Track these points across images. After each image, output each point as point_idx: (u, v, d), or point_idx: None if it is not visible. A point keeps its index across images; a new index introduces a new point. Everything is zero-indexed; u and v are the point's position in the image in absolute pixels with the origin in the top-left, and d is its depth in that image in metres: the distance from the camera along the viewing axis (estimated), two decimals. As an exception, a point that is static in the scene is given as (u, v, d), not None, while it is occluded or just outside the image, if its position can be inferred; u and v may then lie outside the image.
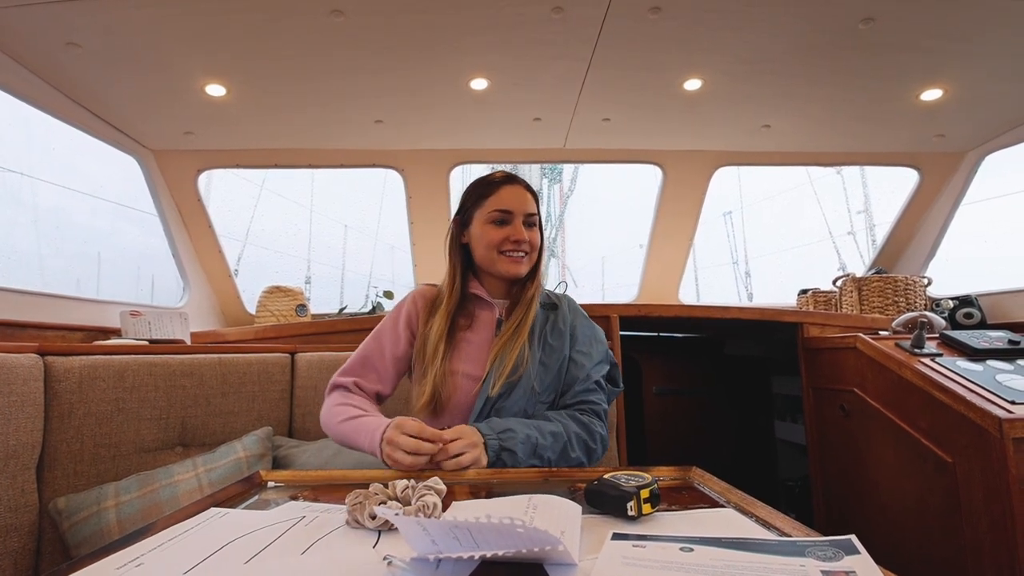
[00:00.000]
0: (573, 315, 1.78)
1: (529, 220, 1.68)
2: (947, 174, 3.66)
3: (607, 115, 3.20)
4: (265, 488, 1.18)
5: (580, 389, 1.65)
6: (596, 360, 1.72)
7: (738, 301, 10.96)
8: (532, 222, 1.70)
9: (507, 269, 1.66)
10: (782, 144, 3.57)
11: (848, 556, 0.68)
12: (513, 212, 1.66)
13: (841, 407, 2.68)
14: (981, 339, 2.45)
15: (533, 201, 1.72)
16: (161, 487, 1.78)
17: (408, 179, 3.68)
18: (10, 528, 1.58)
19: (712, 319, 3.07)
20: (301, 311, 3.53)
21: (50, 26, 2.20)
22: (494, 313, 1.71)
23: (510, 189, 1.69)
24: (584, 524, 0.87)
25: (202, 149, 3.39)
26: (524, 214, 1.67)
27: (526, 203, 1.68)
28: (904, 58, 2.58)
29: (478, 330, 1.70)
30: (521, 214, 1.67)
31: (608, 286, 16.27)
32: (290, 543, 0.81)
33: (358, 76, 2.70)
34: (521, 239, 1.65)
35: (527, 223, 1.68)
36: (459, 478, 1.21)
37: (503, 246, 1.66)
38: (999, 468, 1.84)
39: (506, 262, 1.66)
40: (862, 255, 9.48)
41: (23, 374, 1.66)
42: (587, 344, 1.73)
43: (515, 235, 1.65)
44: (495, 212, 1.66)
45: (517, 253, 1.66)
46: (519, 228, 1.66)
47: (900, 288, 3.42)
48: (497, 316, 1.71)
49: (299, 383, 2.32)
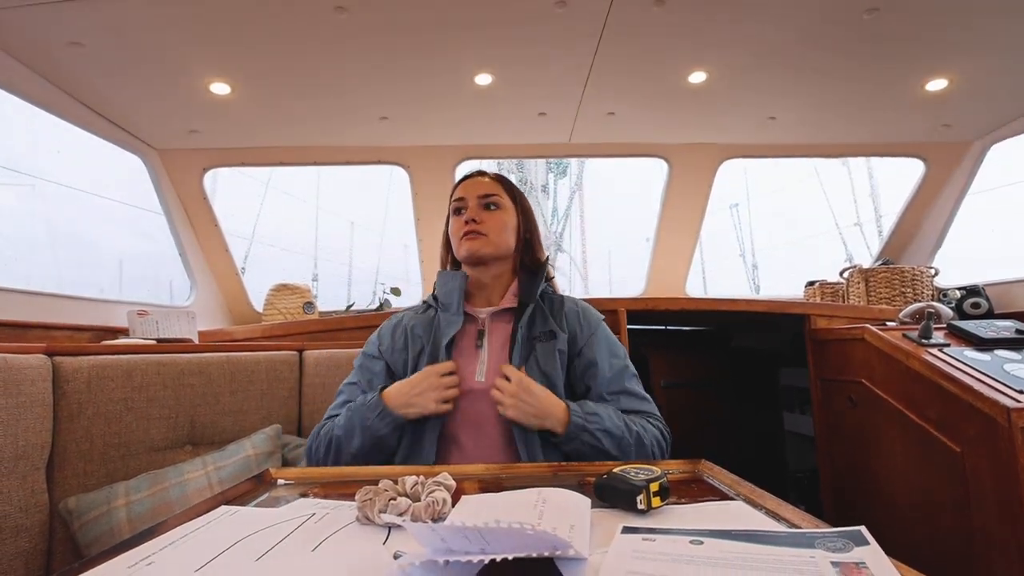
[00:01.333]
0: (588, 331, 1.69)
1: (484, 201, 1.68)
2: (953, 164, 3.65)
3: (612, 109, 3.19)
4: (275, 486, 1.18)
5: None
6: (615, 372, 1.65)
7: (745, 293, 10.95)
8: (488, 203, 1.69)
9: (464, 248, 1.65)
10: (788, 136, 3.56)
11: (858, 547, 0.68)
12: (465, 198, 1.69)
13: (849, 398, 2.67)
14: (989, 329, 2.44)
15: (494, 183, 1.73)
16: (171, 486, 1.79)
17: (414, 175, 3.68)
18: (21, 528, 1.59)
19: (719, 312, 3.07)
20: (308, 309, 3.53)
21: (53, 25, 2.20)
22: (476, 325, 1.68)
23: (467, 183, 1.73)
24: (594, 518, 0.87)
25: (207, 148, 3.39)
26: (476, 196, 1.68)
27: (479, 186, 1.70)
28: (909, 48, 2.56)
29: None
30: (473, 197, 1.68)
31: (615, 279, 16.25)
32: (300, 540, 0.81)
33: (362, 73, 2.70)
34: (471, 217, 1.65)
35: (482, 204, 1.68)
36: (468, 473, 1.22)
37: (461, 230, 1.66)
38: (1008, 457, 1.84)
39: (463, 243, 1.65)
40: (869, 246, 9.46)
41: (31, 375, 1.66)
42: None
43: (467, 216, 1.66)
44: (453, 203, 1.72)
45: (471, 232, 1.64)
46: (472, 209, 1.67)
47: (907, 279, 3.41)
48: (479, 327, 1.67)
49: (307, 381, 2.32)
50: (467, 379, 1.57)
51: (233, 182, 6.93)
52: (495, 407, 1.50)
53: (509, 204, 1.72)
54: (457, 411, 1.54)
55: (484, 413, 1.54)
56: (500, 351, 1.62)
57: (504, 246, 1.69)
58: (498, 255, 1.68)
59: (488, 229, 1.65)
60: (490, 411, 1.52)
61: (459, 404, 1.54)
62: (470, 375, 1.58)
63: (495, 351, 1.62)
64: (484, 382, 1.56)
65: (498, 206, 1.69)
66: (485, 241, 1.65)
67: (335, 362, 2.35)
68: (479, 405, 1.54)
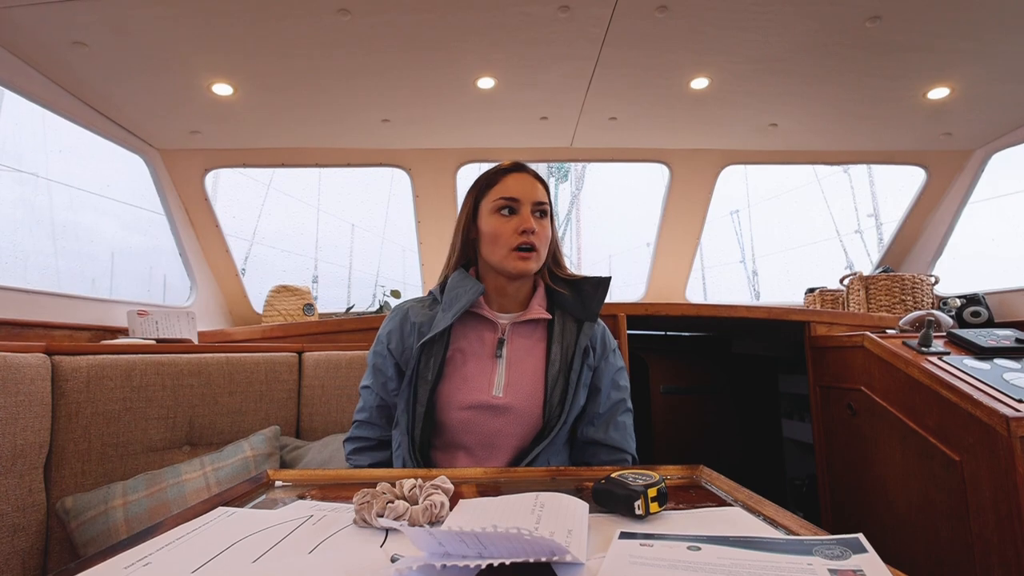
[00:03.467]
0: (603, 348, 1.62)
1: (538, 209, 1.51)
2: (954, 172, 3.65)
3: (614, 114, 3.19)
4: (272, 487, 1.18)
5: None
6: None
7: (745, 300, 10.94)
8: (541, 211, 1.52)
9: (515, 267, 1.48)
10: (789, 143, 3.56)
11: (856, 555, 0.68)
12: (519, 200, 1.49)
13: (848, 406, 2.67)
14: (989, 338, 2.44)
15: (543, 190, 1.54)
16: (168, 486, 1.79)
17: (415, 178, 3.69)
18: (18, 527, 1.58)
19: (719, 318, 3.07)
20: (308, 310, 3.53)
21: (57, 25, 2.21)
22: (496, 332, 1.55)
23: (517, 177, 1.53)
24: (591, 523, 0.87)
25: (209, 148, 3.40)
26: (532, 202, 1.50)
27: (534, 190, 1.51)
28: (911, 56, 2.57)
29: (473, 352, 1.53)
30: (528, 202, 1.50)
31: (615, 284, 16.26)
32: (298, 542, 0.81)
33: (365, 75, 2.70)
34: (530, 228, 1.46)
35: (536, 212, 1.51)
36: (466, 477, 1.21)
37: (512, 240, 1.48)
38: (1006, 467, 1.83)
39: (515, 259, 1.47)
40: (869, 254, 9.45)
41: (30, 373, 1.66)
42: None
43: (524, 224, 1.47)
44: (500, 200, 1.50)
45: (526, 247, 1.47)
46: (526, 216, 1.48)
47: (907, 287, 3.41)
48: (499, 336, 1.54)
49: (306, 382, 2.32)
50: (482, 391, 1.47)
51: (234, 183, 6.91)
52: (510, 426, 1.44)
53: (549, 211, 1.56)
54: (470, 426, 1.46)
55: (500, 431, 1.46)
56: (522, 364, 1.51)
57: (544, 258, 1.55)
58: (539, 268, 1.55)
59: (540, 242, 1.50)
60: (506, 429, 1.45)
61: (471, 418, 1.45)
62: (486, 387, 1.47)
63: (515, 363, 1.51)
64: (502, 397, 1.46)
65: (546, 215, 1.53)
66: (536, 258, 1.50)
67: (334, 364, 2.35)
68: (495, 422, 1.45)
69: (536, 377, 1.50)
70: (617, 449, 1.55)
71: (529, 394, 1.47)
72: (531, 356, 1.53)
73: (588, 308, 1.56)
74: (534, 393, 1.48)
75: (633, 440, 1.59)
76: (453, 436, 1.48)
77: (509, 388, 1.47)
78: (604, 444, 1.54)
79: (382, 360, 1.59)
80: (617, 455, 1.55)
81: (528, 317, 1.55)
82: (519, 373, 1.50)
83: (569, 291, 1.58)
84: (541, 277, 1.63)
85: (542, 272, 1.62)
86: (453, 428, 1.47)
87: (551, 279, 1.62)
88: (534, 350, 1.54)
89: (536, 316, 1.55)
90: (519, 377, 1.49)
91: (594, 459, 1.55)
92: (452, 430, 1.47)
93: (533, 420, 1.47)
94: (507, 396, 1.46)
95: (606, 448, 1.54)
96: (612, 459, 1.54)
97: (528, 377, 1.50)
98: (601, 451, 1.55)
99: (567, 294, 1.58)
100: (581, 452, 1.58)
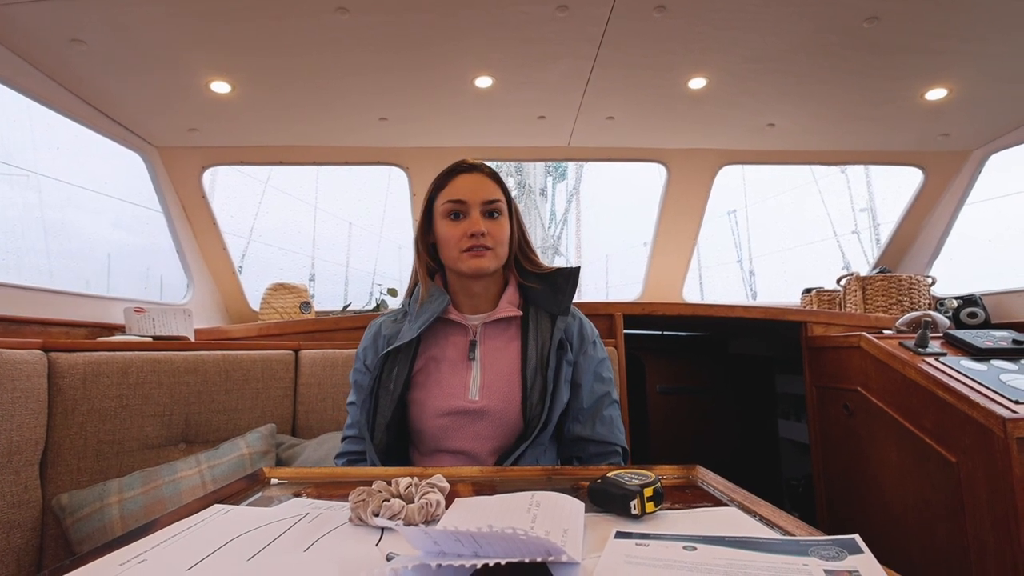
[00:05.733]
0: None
1: (488, 208, 1.48)
2: (951, 173, 3.65)
3: (611, 113, 3.19)
4: (268, 485, 1.18)
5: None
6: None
7: (742, 299, 10.95)
8: (492, 210, 1.48)
9: (468, 266, 1.45)
10: (786, 143, 3.56)
11: (851, 555, 0.68)
12: (467, 202, 1.46)
13: (845, 406, 2.67)
14: (985, 339, 2.44)
15: (496, 187, 1.51)
16: (164, 484, 1.79)
17: (413, 177, 3.68)
18: (13, 524, 1.58)
19: (716, 318, 3.07)
20: (305, 308, 3.53)
21: (55, 22, 2.20)
22: (467, 335, 1.53)
23: (464, 177, 1.50)
24: (587, 522, 0.86)
25: (207, 146, 3.39)
26: (480, 203, 1.47)
27: (482, 190, 1.48)
28: (909, 57, 2.57)
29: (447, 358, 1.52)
30: (477, 204, 1.46)
31: (612, 284, 16.25)
32: (293, 540, 0.80)
33: (363, 73, 2.70)
34: (477, 230, 1.43)
35: (486, 212, 1.47)
36: (462, 475, 1.21)
37: (462, 243, 1.45)
38: (1003, 468, 1.84)
39: (467, 259, 1.45)
40: (866, 254, 9.46)
41: (27, 370, 1.66)
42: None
43: (471, 228, 1.44)
44: (448, 204, 1.47)
45: (477, 247, 1.44)
46: (475, 219, 1.45)
47: (904, 287, 3.42)
48: (470, 338, 1.53)
49: (303, 380, 2.32)
50: (457, 396, 1.45)
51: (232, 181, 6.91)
52: (489, 428, 1.43)
53: (506, 207, 1.52)
54: (449, 432, 1.45)
55: (480, 434, 1.45)
56: (496, 364, 1.49)
57: (504, 256, 1.51)
58: (500, 266, 1.52)
59: (494, 242, 1.46)
60: (486, 431, 1.44)
61: (449, 424, 1.45)
62: (461, 392, 1.46)
63: (489, 364, 1.50)
64: (478, 400, 1.45)
65: (500, 213, 1.50)
66: (492, 256, 1.46)
67: (331, 362, 2.35)
68: (474, 426, 1.45)
69: (512, 377, 1.48)
70: (605, 443, 1.53)
71: (506, 395, 1.46)
72: (505, 355, 1.51)
73: (559, 301, 1.54)
74: (511, 393, 1.46)
75: (621, 432, 1.57)
76: (434, 443, 1.48)
77: (485, 390, 1.46)
78: (591, 439, 1.53)
79: (361, 376, 1.59)
80: (605, 449, 1.53)
81: (498, 316, 1.53)
82: (494, 374, 1.48)
83: (541, 285, 1.57)
84: (512, 273, 1.61)
85: (510, 267, 1.60)
86: (433, 435, 1.47)
87: (522, 275, 1.59)
88: (507, 349, 1.52)
89: (506, 314, 1.53)
90: (494, 378, 1.48)
91: (583, 454, 1.54)
92: (432, 437, 1.47)
93: (512, 420, 1.45)
94: (483, 399, 1.45)
95: (593, 443, 1.53)
96: (601, 453, 1.53)
97: (504, 377, 1.48)
98: (589, 446, 1.53)
99: (539, 288, 1.56)
100: (569, 449, 1.56)
